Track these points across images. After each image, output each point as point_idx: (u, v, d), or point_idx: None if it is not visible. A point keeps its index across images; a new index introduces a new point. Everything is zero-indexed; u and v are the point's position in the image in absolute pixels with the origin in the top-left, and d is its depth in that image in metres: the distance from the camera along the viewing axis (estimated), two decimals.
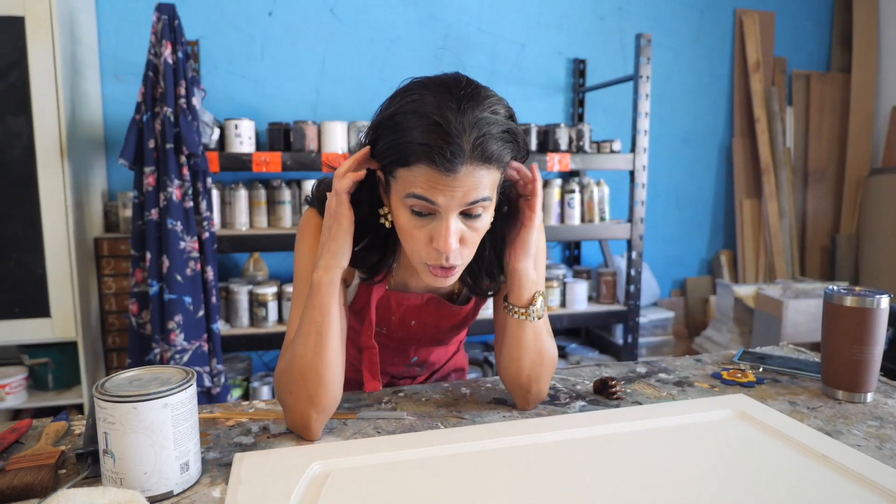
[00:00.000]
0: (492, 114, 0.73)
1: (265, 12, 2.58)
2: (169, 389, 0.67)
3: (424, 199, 0.73)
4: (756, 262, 3.24)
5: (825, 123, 3.30)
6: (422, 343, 1.04)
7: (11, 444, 0.79)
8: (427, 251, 0.77)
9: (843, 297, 0.93)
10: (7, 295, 2.08)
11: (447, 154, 0.70)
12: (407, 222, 0.76)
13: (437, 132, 0.70)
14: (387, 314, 0.95)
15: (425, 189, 0.72)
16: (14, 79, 2.02)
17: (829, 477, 0.70)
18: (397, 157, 0.73)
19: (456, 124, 0.70)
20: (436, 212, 0.75)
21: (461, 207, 0.74)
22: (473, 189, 0.73)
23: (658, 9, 3.03)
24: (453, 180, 0.71)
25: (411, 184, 0.73)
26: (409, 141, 0.71)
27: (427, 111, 0.71)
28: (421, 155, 0.71)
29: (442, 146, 0.70)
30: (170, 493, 0.68)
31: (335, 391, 0.81)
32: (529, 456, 0.76)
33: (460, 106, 0.71)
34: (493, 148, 0.72)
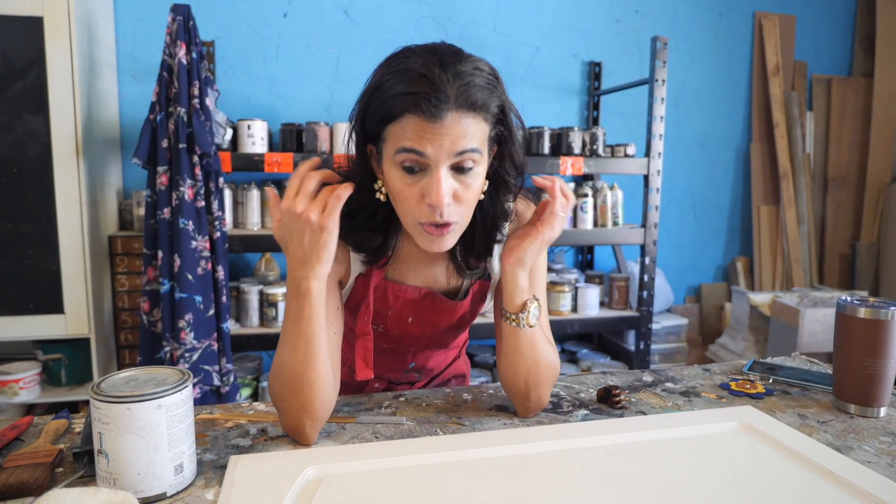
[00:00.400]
0: (475, 69, 0.74)
1: (280, 14, 2.59)
2: (164, 391, 0.67)
3: (413, 152, 0.72)
4: (773, 269, 3.18)
5: (846, 129, 3.23)
6: (419, 345, 1.02)
7: (11, 441, 0.79)
8: (420, 209, 0.76)
9: (857, 309, 0.91)
10: (22, 291, 2.10)
11: (432, 100, 0.70)
12: (399, 182, 0.76)
13: (421, 82, 0.71)
14: (384, 308, 0.93)
15: (413, 140, 0.72)
16: (32, 78, 2.04)
17: (835, 494, 0.68)
18: (385, 114, 0.73)
19: (440, 74, 0.71)
20: (426, 165, 0.74)
21: (450, 158, 0.73)
22: (461, 138, 0.72)
23: (676, 11, 2.99)
24: (440, 127, 0.71)
25: (400, 137, 0.73)
26: (395, 94, 0.72)
27: (412, 68, 0.72)
28: (407, 103, 0.71)
29: (427, 93, 0.70)
30: (163, 494, 0.68)
31: (328, 398, 0.80)
32: (528, 465, 0.74)
33: (444, 61, 0.72)
34: (478, 95, 0.73)
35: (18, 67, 2.03)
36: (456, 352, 1.17)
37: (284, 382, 0.78)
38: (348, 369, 1.06)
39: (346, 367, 1.07)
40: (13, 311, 2.10)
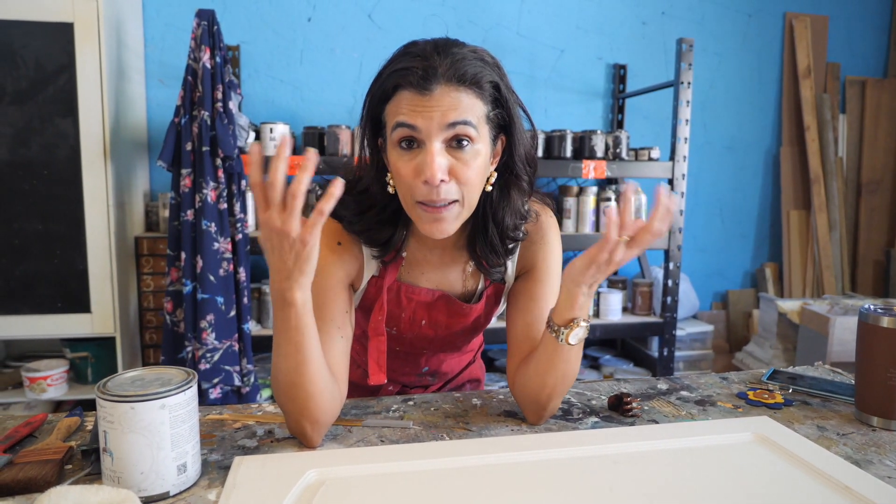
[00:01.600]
0: (471, 51, 0.76)
1: (305, 18, 2.57)
2: (168, 391, 0.67)
3: (406, 125, 0.73)
4: (803, 275, 3.05)
5: (881, 132, 3.09)
6: (433, 348, 1.00)
7: (24, 437, 0.80)
8: (417, 187, 0.75)
9: (879, 318, 0.86)
10: (51, 290, 2.12)
11: (420, 73, 0.71)
12: (397, 160, 0.76)
13: (413, 60, 0.73)
14: (397, 310, 0.92)
15: (406, 114, 0.73)
16: (63, 82, 2.06)
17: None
18: (382, 94, 0.75)
19: (431, 52, 0.73)
20: (420, 141, 0.74)
21: (442, 131, 0.73)
22: (452, 110, 0.72)
23: (703, 13, 2.90)
24: (429, 100, 0.72)
25: (394, 114, 0.74)
26: (389, 72, 0.74)
27: (407, 52, 0.75)
28: (399, 79, 0.73)
29: (416, 67, 0.72)
30: (166, 493, 0.68)
31: (327, 403, 0.77)
32: (534, 473, 0.72)
33: (440, 45, 0.74)
34: (468, 69, 0.73)
35: (49, 72, 2.05)
36: (470, 356, 1.14)
37: (280, 388, 0.76)
38: (363, 372, 1.04)
39: (360, 371, 1.06)
40: (42, 310, 2.12)
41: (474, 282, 0.93)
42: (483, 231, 0.85)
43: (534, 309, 0.89)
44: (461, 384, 1.15)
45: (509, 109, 0.79)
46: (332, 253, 0.86)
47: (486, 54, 0.78)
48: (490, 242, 0.85)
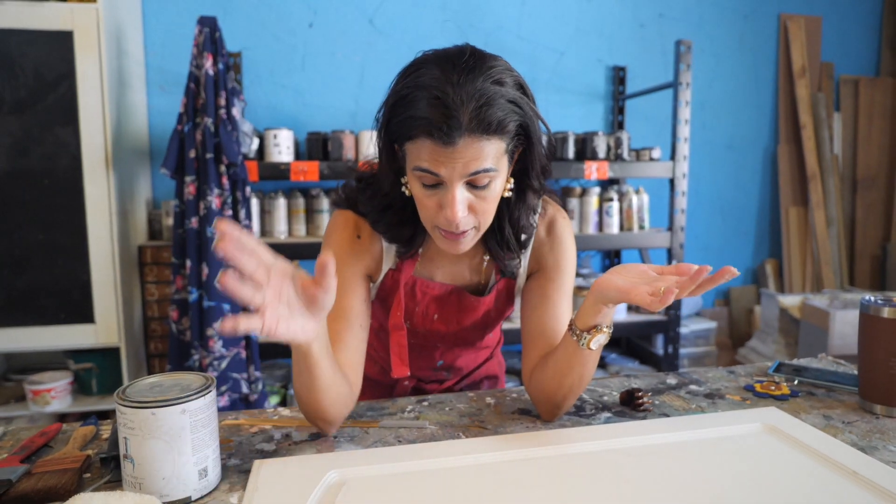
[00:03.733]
0: (494, 84, 0.71)
1: (306, 24, 2.51)
2: (187, 396, 0.65)
3: (428, 172, 0.73)
4: (802, 271, 3.01)
5: (875, 129, 3.06)
6: (446, 343, 0.98)
7: (40, 447, 0.78)
8: (438, 217, 0.77)
9: (880, 309, 0.87)
10: (53, 301, 2.04)
11: (444, 128, 0.69)
12: (418, 192, 0.77)
13: (435, 106, 0.69)
14: (411, 304, 0.92)
15: (429, 162, 0.72)
16: (63, 91, 1.98)
17: (858, 495, 0.65)
18: (403, 132, 0.74)
19: (454, 97, 0.69)
20: (442, 182, 0.74)
21: (464, 178, 0.73)
22: (474, 160, 0.71)
23: (700, 15, 2.86)
24: (453, 152, 0.71)
25: (417, 157, 0.73)
26: (411, 116, 0.71)
27: (429, 85, 0.70)
28: (421, 129, 0.71)
29: (440, 120, 0.69)
30: (188, 498, 0.67)
31: (338, 405, 0.78)
32: (550, 468, 0.72)
33: (460, 79, 0.70)
34: (493, 118, 0.70)
35: (49, 80, 1.97)
36: (487, 353, 1.11)
37: (298, 395, 0.77)
38: (379, 368, 1.04)
39: (378, 366, 1.05)
40: (45, 322, 2.04)
41: (486, 276, 0.93)
42: (500, 230, 0.86)
43: (548, 307, 0.89)
44: (478, 380, 1.11)
45: (529, 130, 0.76)
46: (352, 245, 0.87)
47: (512, 81, 0.73)
48: (506, 240, 0.86)
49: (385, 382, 1.05)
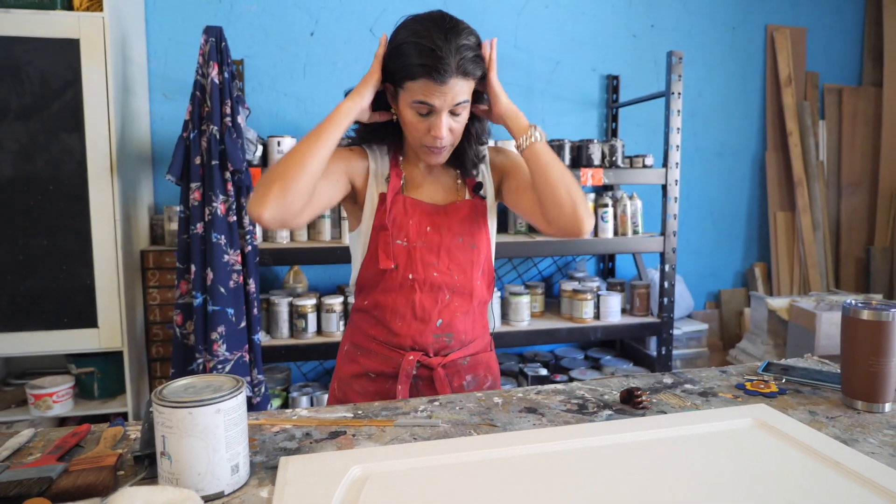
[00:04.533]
0: (466, 40, 1.00)
1: (307, 32, 2.54)
2: (221, 396, 0.69)
3: (426, 103, 1.01)
4: (790, 274, 3.09)
5: (858, 137, 3.15)
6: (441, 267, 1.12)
7: (72, 447, 0.82)
8: (426, 137, 1.05)
9: (860, 311, 0.94)
10: (57, 305, 2.05)
11: (440, 70, 0.97)
12: (412, 119, 1.04)
13: (433, 55, 0.97)
14: (404, 218, 1.11)
15: (426, 95, 1.00)
16: (69, 98, 2.00)
17: (840, 483, 0.71)
18: (406, 74, 1.00)
19: (445, 49, 0.97)
20: (433, 111, 1.02)
21: (450, 107, 1.02)
22: (457, 95, 1.01)
23: (690, 26, 2.93)
24: (444, 87, 0.99)
25: (416, 92, 1.00)
26: (414, 63, 0.98)
27: (425, 39, 0.97)
28: (423, 71, 0.98)
29: (437, 65, 0.97)
30: (221, 493, 0.70)
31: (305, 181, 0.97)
32: (557, 461, 0.77)
33: (447, 36, 0.97)
34: (469, 66, 1.00)
35: (55, 88, 1.99)
36: (482, 321, 1.20)
37: (285, 158, 0.99)
38: (384, 357, 1.14)
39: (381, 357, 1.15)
40: (49, 326, 2.05)
41: (461, 195, 1.17)
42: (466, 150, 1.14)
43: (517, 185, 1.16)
44: (477, 368, 1.19)
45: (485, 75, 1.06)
46: (345, 150, 1.13)
47: (475, 41, 1.02)
48: (471, 156, 1.15)
49: (392, 366, 1.13)
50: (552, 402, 1.00)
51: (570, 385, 1.08)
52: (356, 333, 1.19)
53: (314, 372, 2.68)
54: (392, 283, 1.11)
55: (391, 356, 1.13)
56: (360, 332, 1.18)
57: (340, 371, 1.20)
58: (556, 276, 2.91)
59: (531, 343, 2.44)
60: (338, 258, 2.20)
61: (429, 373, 1.13)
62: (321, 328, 2.28)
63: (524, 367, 2.61)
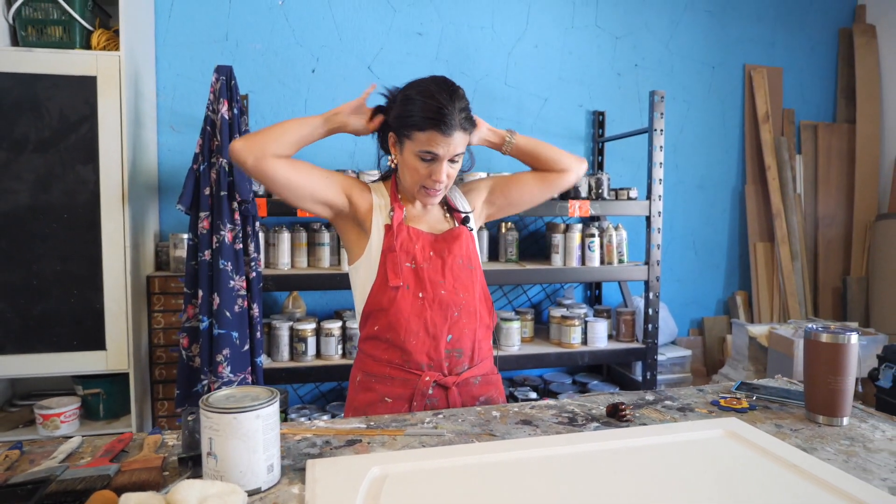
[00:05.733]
0: (464, 102, 1.24)
1: (309, 69, 2.77)
2: (260, 404, 0.82)
3: (431, 152, 1.22)
4: (770, 302, 3.30)
5: (833, 171, 3.40)
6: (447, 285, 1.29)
7: (119, 451, 0.97)
8: (427, 181, 1.26)
9: (819, 335, 1.08)
10: (67, 328, 2.21)
11: (447, 124, 1.20)
12: (416, 164, 1.24)
13: (440, 112, 1.19)
14: (410, 244, 1.29)
15: (432, 145, 1.21)
16: (85, 131, 2.19)
17: (800, 484, 0.84)
18: (415, 125, 1.21)
19: (450, 108, 1.19)
20: (436, 158, 1.23)
21: (451, 156, 1.24)
22: (457, 146, 1.23)
23: (672, 65, 3.19)
24: (447, 139, 1.21)
25: (423, 142, 1.21)
26: (424, 116, 1.19)
27: (433, 98, 1.19)
28: (431, 124, 1.19)
29: (444, 120, 1.19)
30: (259, 489, 0.82)
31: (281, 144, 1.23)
32: (549, 465, 0.90)
33: (451, 97, 1.21)
34: (467, 124, 1.24)
35: (73, 122, 2.18)
36: (486, 342, 1.36)
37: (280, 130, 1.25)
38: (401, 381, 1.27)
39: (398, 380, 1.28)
40: (59, 348, 2.20)
41: (450, 224, 1.38)
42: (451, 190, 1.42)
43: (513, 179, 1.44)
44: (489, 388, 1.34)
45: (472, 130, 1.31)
46: (353, 178, 1.35)
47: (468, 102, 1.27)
48: (454, 194, 1.42)
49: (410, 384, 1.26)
50: (545, 415, 1.13)
51: (561, 401, 1.22)
52: (368, 363, 1.30)
53: (310, 395, 2.84)
54: (404, 304, 1.25)
55: (408, 378, 1.26)
56: (372, 361, 1.29)
57: (355, 401, 1.31)
58: (544, 302, 3.11)
59: (521, 367, 2.62)
60: (337, 284, 2.39)
61: (443, 393, 1.27)
62: (320, 351, 2.45)
63: (514, 390, 2.79)
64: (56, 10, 2.19)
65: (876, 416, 1.15)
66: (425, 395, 1.25)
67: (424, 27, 2.86)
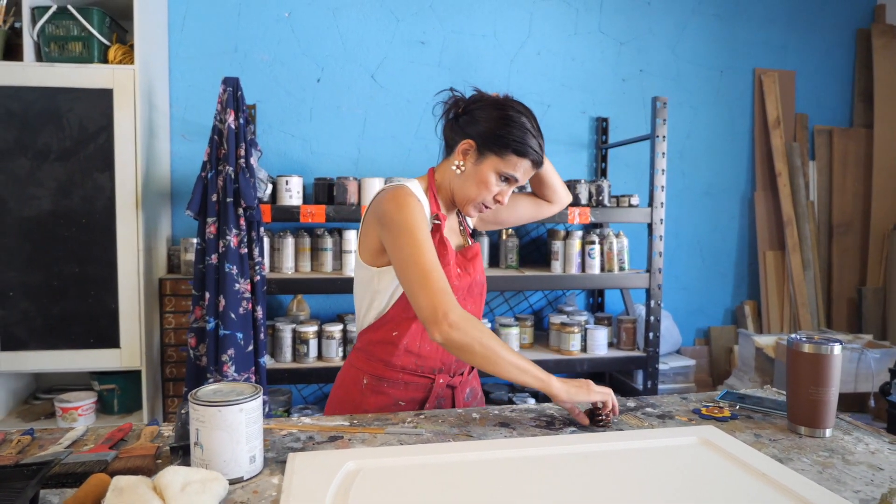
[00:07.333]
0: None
1: (314, 79, 3.00)
2: (244, 398, 0.92)
3: (514, 177, 1.30)
4: (780, 312, 3.41)
5: (849, 177, 3.49)
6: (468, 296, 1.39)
7: (119, 440, 1.12)
8: (489, 199, 1.33)
9: (801, 345, 1.11)
10: (84, 327, 2.46)
11: (541, 158, 1.31)
12: (491, 181, 1.30)
13: (536, 146, 1.29)
14: (444, 259, 1.33)
15: (518, 171, 1.29)
16: (102, 141, 2.44)
17: (764, 490, 0.89)
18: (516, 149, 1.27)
19: (540, 142, 1.30)
20: (511, 182, 1.31)
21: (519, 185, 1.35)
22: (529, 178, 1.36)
23: (678, 70, 3.33)
24: (533, 172, 1.33)
25: (513, 165, 1.28)
26: (527, 145, 1.27)
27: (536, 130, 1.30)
28: (532, 155, 1.28)
29: (540, 154, 1.30)
30: (241, 477, 0.92)
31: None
32: (522, 465, 0.97)
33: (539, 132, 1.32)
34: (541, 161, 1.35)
35: (91, 132, 2.43)
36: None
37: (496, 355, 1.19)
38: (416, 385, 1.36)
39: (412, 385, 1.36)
40: (76, 346, 2.46)
41: (465, 239, 1.47)
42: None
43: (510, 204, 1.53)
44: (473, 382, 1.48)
45: None
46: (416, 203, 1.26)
47: None
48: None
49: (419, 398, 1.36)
50: (524, 418, 1.20)
51: (542, 405, 1.28)
52: (378, 366, 1.35)
53: (313, 395, 3.07)
54: None
55: (422, 382, 1.35)
56: (383, 365, 1.35)
57: (365, 403, 1.34)
58: (546, 309, 3.28)
59: None
60: (339, 288, 2.60)
61: (450, 392, 1.38)
62: (321, 353, 2.68)
63: (513, 396, 2.97)
64: (76, 26, 2.45)
65: (861, 428, 1.17)
66: (438, 397, 1.36)
67: (427, 36, 3.07)
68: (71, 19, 2.44)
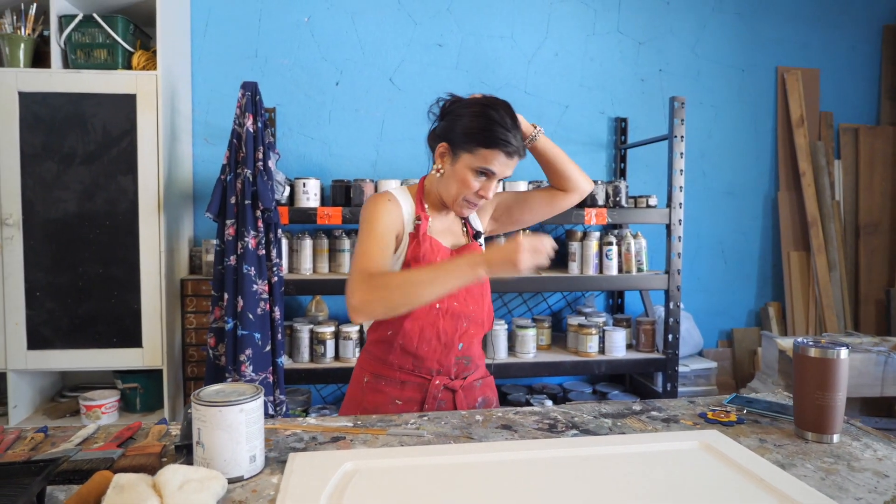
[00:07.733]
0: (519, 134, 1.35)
1: (333, 82, 3.05)
2: (244, 399, 0.93)
3: (489, 170, 1.31)
4: (805, 314, 3.36)
5: (876, 176, 3.43)
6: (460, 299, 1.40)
7: (128, 438, 1.14)
8: (472, 195, 1.35)
9: (808, 349, 1.10)
10: (108, 327, 2.53)
11: (514, 147, 1.31)
12: (469, 178, 1.33)
13: (508, 134, 1.30)
14: (432, 257, 1.37)
15: (494, 165, 1.30)
16: (125, 145, 2.52)
17: (761, 496, 0.88)
18: (482, 141, 1.29)
19: (515, 133, 1.32)
20: (490, 176, 1.33)
21: (502, 177, 1.34)
22: (511, 169, 1.34)
23: (699, 69, 3.30)
24: (509, 162, 1.32)
25: (485, 159, 1.30)
26: (493, 135, 1.28)
27: (503, 120, 1.30)
28: (500, 144, 1.29)
29: (511, 143, 1.30)
30: (241, 476, 0.93)
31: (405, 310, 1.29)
32: (521, 467, 0.97)
33: (515, 123, 1.33)
34: (522, 151, 1.35)
35: (115, 136, 2.51)
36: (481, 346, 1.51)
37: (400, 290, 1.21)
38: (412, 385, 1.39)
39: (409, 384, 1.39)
40: (100, 345, 2.52)
41: (467, 238, 1.49)
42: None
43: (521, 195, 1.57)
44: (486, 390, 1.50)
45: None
46: (386, 203, 1.36)
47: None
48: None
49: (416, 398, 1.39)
50: (527, 421, 1.19)
51: (545, 408, 1.27)
52: (377, 365, 1.40)
53: (332, 396, 3.11)
54: (420, 312, 1.34)
55: (419, 382, 1.37)
56: (381, 363, 1.40)
57: (364, 401, 1.39)
58: (565, 310, 3.28)
59: (537, 374, 2.76)
60: None
61: (450, 395, 1.39)
62: (339, 354, 2.71)
63: (531, 397, 2.98)
64: (101, 34, 2.53)
65: (872, 434, 1.15)
66: (436, 399, 1.37)
67: (444, 38, 3.10)
68: (96, 27, 2.52)
